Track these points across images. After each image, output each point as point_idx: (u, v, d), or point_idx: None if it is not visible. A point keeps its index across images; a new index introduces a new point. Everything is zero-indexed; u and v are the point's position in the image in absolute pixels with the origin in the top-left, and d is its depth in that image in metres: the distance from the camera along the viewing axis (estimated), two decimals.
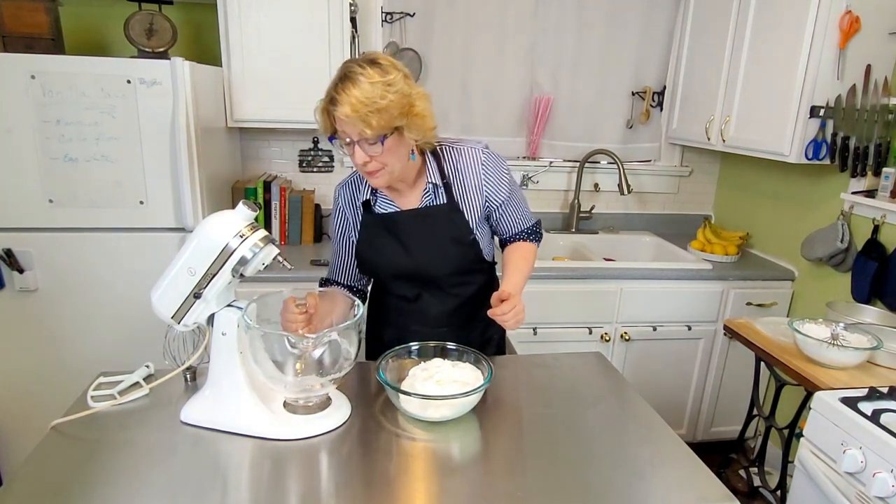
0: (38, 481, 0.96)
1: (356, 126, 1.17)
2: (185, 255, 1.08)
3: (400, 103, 1.19)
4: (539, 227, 1.56)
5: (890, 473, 1.24)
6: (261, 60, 2.24)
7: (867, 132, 1.97)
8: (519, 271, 1.44)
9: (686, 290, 2.41)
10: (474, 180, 1.40)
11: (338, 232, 1.50)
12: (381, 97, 1.16)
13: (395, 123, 1.20)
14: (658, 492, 0.99)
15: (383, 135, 1.20)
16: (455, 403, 1.14)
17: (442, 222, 1.39)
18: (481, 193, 1.41)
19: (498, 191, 1.42)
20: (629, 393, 1.33)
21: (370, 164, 1.24)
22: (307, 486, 0.97)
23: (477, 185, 1.40)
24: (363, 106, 1.15)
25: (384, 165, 1.25)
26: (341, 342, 1.12)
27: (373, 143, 1.20)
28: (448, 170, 1.39)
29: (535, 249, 1.54)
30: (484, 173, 1.40)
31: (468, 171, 1.39)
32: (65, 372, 2.08)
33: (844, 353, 1.59)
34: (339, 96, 1.18)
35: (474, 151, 1.41)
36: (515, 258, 1.47)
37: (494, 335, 1.59)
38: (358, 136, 1.19)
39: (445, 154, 1.40)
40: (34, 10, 2.05)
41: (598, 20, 2.73)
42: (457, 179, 1.39)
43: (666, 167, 2.98)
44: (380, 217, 1.41)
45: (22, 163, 1.90)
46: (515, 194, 1.48)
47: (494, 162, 1.42)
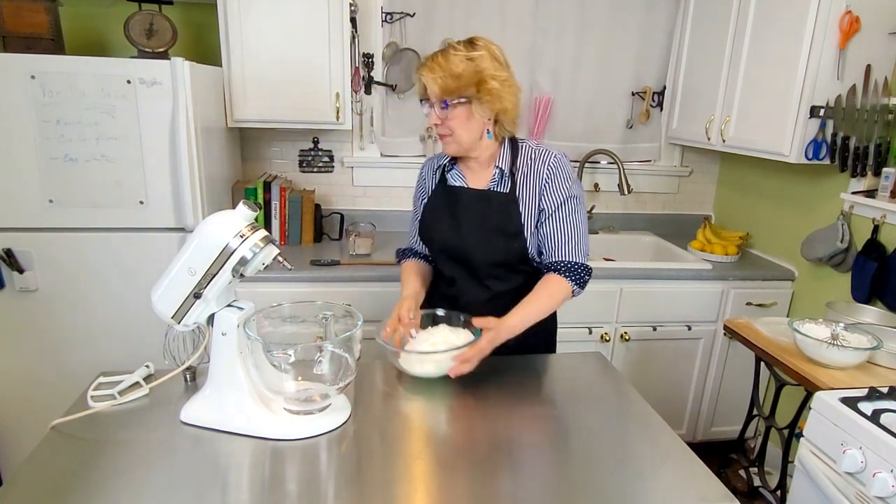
0: (38, 481, 0.96)
1: (431, 87, 1.32)
2: (185, 255, 1.08)
3: (472, 74, 1.31)
4: (585, 273, 1.41)
5: (890, 473, 1.24)
6: (261, 60, 2.24)
7: (867, 132, 1.97)
8: (530, 307, 1.36)
9: (686, 290, 2.41)
10: (537, 179, 1.41)
11: (418, 200, 1.58)
12: (456, 65, 1.30)
13: (464, 92, 1.31)
14: (658, 492, 0.99)
15: (448, 99, 1.32)
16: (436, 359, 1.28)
17: (497, 209, 1.42)
18: (539, 194, 1.41)
19: (551, 197, 1.40)
20: (629, 393, 1.33)
21: (440, 127, 1.37)
22: (307, 486, 0.97)
23: (538, 184, 1.41)
24: (440, 69, 1.30)
25: (452, 132, 1.36)
26: (342, 353, 1.12)
27: (443, 106, 1.33)
28: (520, 162, 1.43)
29: (565, 289, 1.39)
30: (547, 174, 1.41)
31: (535, 169, 1.42)
32: (65, 372, 2.08)
33: (844, 353, 1.59)
34: (427, 61, 1.34)
35: (548, 153, 1.43)
36: (537, 291, 1.39)
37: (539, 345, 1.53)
38: (434, 97, 1.33)
39: (523, 149, 1.45)
40: (34, 10, 2.05)
41: (598, 20, 2.73)
42: (523, 173, 1.42)
43: (666, 167, 2.98)
44: (448, 188, 1.49)
45: (22, 163, 1.90)
46: (569, 214, 1.41)
47: (562, 169, 1.41)
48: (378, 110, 2.70)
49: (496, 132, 1.41)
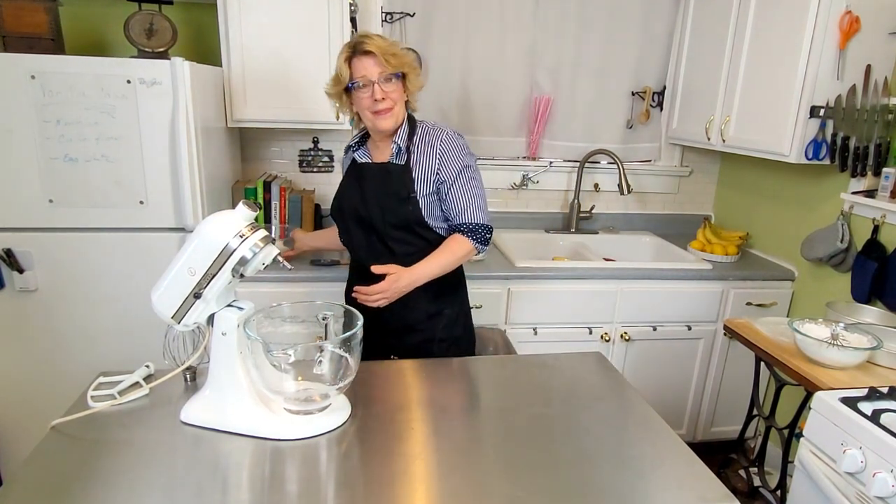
0: (38, 481, 0.96)
1: (378, 64, 1.48)
2: (185, 255, 1.08)
3: (403, 55, 1.53)
4: (485, 231, 1.61)
5: (890, 473, 1.24)
6: (261, 60, 2.24)
7: (867, 132, 1.97)
8: (432, 259, 1.57)
9: (686, 290, 2.42)
10: (433, 153, 1.58)
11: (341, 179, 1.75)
12: (392, 46, 1.51)
13: (405, 69, 1.53)
14: (658, 492, 0.99)
15: (398, 73, 1.51)
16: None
17: (393, 179, 1.59)
18: (434, 167, 1.58)
19: (448, 169, 1.58)
20: (629, 393, 1.33)
21: (385, 101, 1.51)
22: (307, 486, 0.97)
23: (433, 158, 1.58)
24: (387, 46, 1.49)
25: (394, 105, 1.53)
26: (342, 353, 1.12)
27: (389, 79, 1.50)
28: (416, 138, 1.60)
29: (467, 245, 1.59)
30: (441, 149, 1.58)
31: (430, 145, 1.59)
32: (65, 372, 2.08)
33: (844, 353, 1.59)
34: (365, 40, 1.48)
35: (441, 131, 1.61)
36: (441, 248, 1.59)
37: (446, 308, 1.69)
38: (378, 74, 1.49)
39: (421, 127, 1.62)
40: (34, 10, 2.05)
41: (598, 20, 2.73)
42: (419, 148, 1.59)
43: (666, 167, 2.98)
44: (356, 165, 1.66)
45: (22, 163, 1.89)
46: (466, 184, 1.60)
47: (454, 144, 1.60)
48: None
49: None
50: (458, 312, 1.74)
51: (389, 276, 1.53)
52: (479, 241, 1.60)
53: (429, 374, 1.39)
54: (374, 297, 1.53)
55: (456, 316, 1.72)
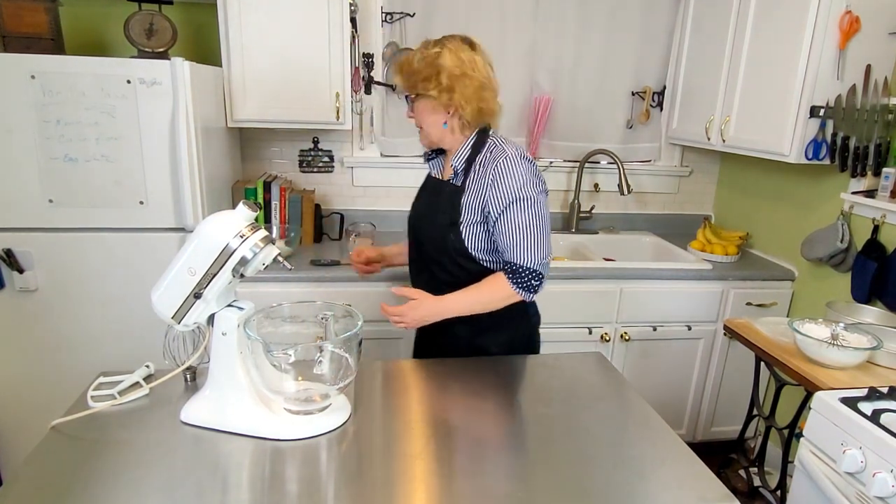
0: (38, 481, 0.96)
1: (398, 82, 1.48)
2: (185, 255, 1.08)
3: (427, 70, 1.39)
4: (530, 276, 1.40)
5: (890, 473, 1.24)
6: (261, 60, 2.24)
7: (867, 132, 1.97)
8: (463, 295, 1.42)
9: (686, 290, 2.41)
10: (485, 180, 1.41)
11: None
12: (414, 63, 1.41)
13: (419, 88, 1.41)
14: (658, 492, 0.99)
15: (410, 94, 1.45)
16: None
17: (442, 202, 1.48)
18: (483, 195, 1.41)
19: (496, 200, 1.39)
20: (629, 393, 1.33)
21: (413, 119, 1.49)
22: (307, 486, 0.97)
23: (485, 185, 1.40)
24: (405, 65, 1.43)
25: (421, 125, 1.48)
26: (342, 353, 1.12)
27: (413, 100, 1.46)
28: (479, 158, 1.45)
29: (505, 288, 1.41)
30: (492, 177, 1.39)
31: (486, 169, 1.41)
32: (65, 372, 2.08)
33: (844, 353, 1.59)
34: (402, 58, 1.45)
35: (502, 153, 1.40)
36: (478, 284, 1.43)
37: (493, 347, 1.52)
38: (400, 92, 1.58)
39: (487, 146, 1.45)
40: (34, 10, 2.05)
41: (598, 20, 2.73)
42: (475, 170, 1.44)
43: (666, 167, 2.98)
44: (426, 176, 1.63)
45: (22, 163, 1.90)
46: (516, 218, 1.38)
47: (510, 171, 1.38)
48: (378, 110, 2.70)
49: (455, 125, 1.45)
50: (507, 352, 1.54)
51: (411, 302, 1.42)
52: (522, 288, 1.40)
53: (429, 374, 1.39)
54: (394, 318, 1.43)
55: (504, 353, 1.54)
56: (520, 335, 1.57)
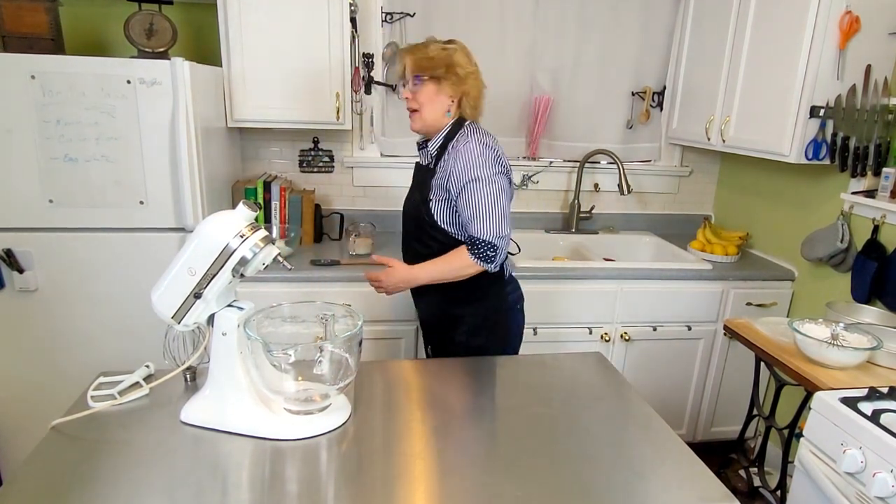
0: (38, 481, 0.96)
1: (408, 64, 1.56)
2: (185, 255, 1.08)
3: (443, 59, 1.55)
4: (486, 247, 1.53)
5: (890, 473, 1.24)
6: (261, 60, 2.24)
7: (867, 132, 1.97)
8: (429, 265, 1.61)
9: (686, 290, 2.41)
10: (450, 160, 1.57)
11: None
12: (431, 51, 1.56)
13: (434, 72, 1.55)
14: (658, 492, 0.99)
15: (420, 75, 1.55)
16: None
17: (421, 178, 1.67)
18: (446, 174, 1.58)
19: (456, 178, 1.55)
20: (629, 393, 1.33)
21: (410, 101, 1.59)
22: (307, 486, 0.97)
23: (449, 164, 1.57)
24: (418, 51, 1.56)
25: (419, 108, 1.58)
26: (342, 353, 1.12)
27: (415, 82, 1.56)
28: (451, 145, 1.60)
29: (464, 259, 1.55)
30: (453, 159, 1.56)
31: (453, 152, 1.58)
32: (65, 372, 2.08)
33: (844, 353, 1.59)
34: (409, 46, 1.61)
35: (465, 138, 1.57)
36: (442, 256, 1.60)
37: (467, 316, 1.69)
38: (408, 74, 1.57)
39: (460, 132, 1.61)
40: (34, 10, 2.05)
41: (598, 20, 2.73)
42: (446, 154, 1.59)
43: (666, 167, 2.98)
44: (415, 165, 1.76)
45: (22, 163, 1.90)
46: (471, 196, 1.53)
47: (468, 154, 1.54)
48: (378, 110, 2.69)
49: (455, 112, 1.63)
50: (482, 323, 1.68)
51: (387, 269, 1.63)
52: (480, 258, 1.54)
53: (429, 374, 1.39)
54: (373, 283, 1.66)
55: (478, 325, 1.68)
56: (493, 309, 1.70)
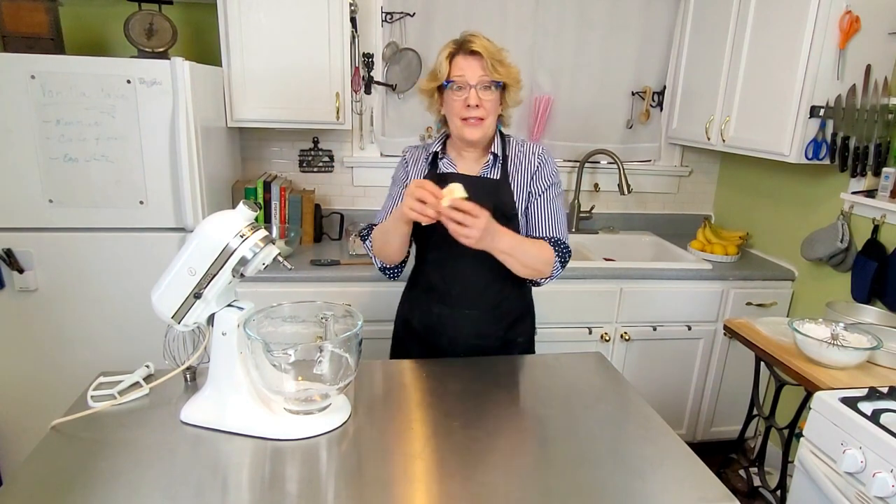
0: (38, 481, 0.96)
1: (482, 67, 1.37)
2: (185, 255, 1.08)
3: (511, 65, 1.42)
4: (566, 250, 1.46)
5: (890, 473, 1.24)
6: (261, 60, 2.24)
7: (867, 132, 1.97)
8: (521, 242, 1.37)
9: (686, 290, 2.41)
10: (529, 167, 1.49)
11: (398, 186, 1.55)
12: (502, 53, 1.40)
13: (506, 80, 1.41)
14: (658, 492, 0.99)
15: (499, 82, 1.39)
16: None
17: (491, 193, 1.46)
18: (528, 179, 1.49)
19: (542, 180, 1.49)
20: (629, 393, 1.33)
21: (478, 109, 1.38)
22: (307, 486, 0.97)
23: (530, 171, 1.49)
24: (495, 51, 1.39)
25: (486, 116, 1.40)
26: (342, 353, 1.12)
27: (488, 86, 1.38)
28: (510, 151, 1.51)
29: (550, 255, 1.42)
30: (538, 162, 1.49)
31: (527, 157, 1.50)
32: (65, 372, 2.08)
33: (844, 353, 1.59)
34: (473, 39, 1.37)
35: (536, 145, 1.53)
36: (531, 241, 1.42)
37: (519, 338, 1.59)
38: (478, 80, 1.37)
39: (511, 140, 1.53)
40: (34, 10, 2.05)
41: (598, 20, 2.73)
42: (513, 161, 1.50)
43: (666, 167, 2.98)
44: (440, 175, 1.49)
45: (22, 163, 1.90)
46: (555, 198, 1.50)
47: (550, 158, 1.52)
48: (378, 110, 2.70)
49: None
50: (528, 344, 1.63)
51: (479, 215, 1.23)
52: (560, 260, 1.44)
53: (429, 374, 1.39)
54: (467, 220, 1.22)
55: (526, 347, 1.63)
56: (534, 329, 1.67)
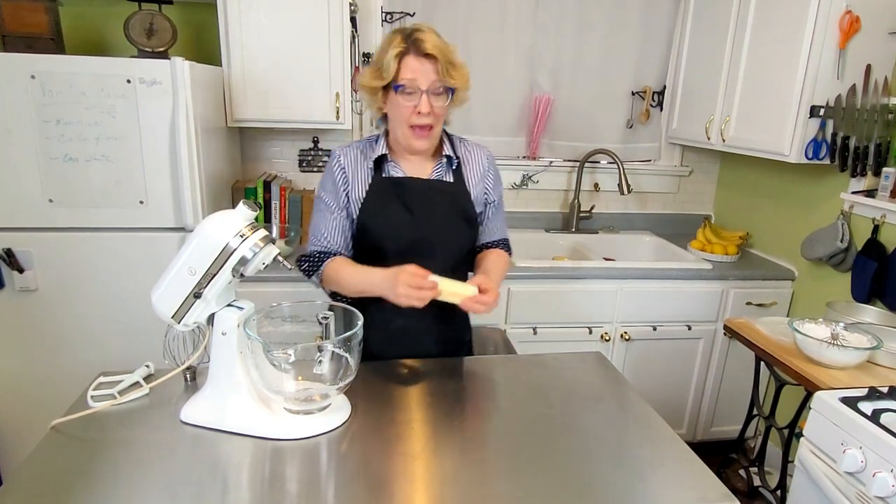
0: (38, 481, 0.96)
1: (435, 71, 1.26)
2: (185, 255, 1.08)
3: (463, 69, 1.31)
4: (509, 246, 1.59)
5: (890, 473, 1.24)
6: (261, 60, 2.24)
7: (867, 132, 1.97)
8: (499, 271, 1.46)
9: (686, 290, 2.41)
10: (479, 170, 1.48)
11: (336, 195, 1.40)
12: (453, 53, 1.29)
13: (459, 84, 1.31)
14: (658, 492, 0.99)
15: (452, 88, 1.29)
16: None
17: (451, 197, 1.41)
18: (481, 185, 1.48)
19: (494, 189, 1.51)
20: (629, 393, 1.33)
21: (429, 116, 1.29)
22: (307, 486, 0.97)
23: (481, 175, 1.48)
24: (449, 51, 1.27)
25: (436, 124, 1.33)
26: (342, 353, 1.12)
27: (440, 92, 1.28)
28: (460, 152, 1.47)
29: (508, 257, 1.55)
30: (488, 167, 1.50)
31: (476, 160, 1.48)
32: (65, 371, 2.08)
33: (844, 352, 1.59)
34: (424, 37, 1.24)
35: (480, 146, 1.52)
36: (495, 260, 1.49)
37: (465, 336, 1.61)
38: (429, 84, 1.27)
39: (456, 140, 1.50)
40: (34, 10, 2.05)
41: (598, 20, 2.73)
42: (466, 163, 1.47)
43: (666, 167, 2.98)
44: (390, 181, 1.38)
45: (22, 163, 1.89)
46: (502, 204, 1.56)
47: (495, 164, 1.53)
48: None
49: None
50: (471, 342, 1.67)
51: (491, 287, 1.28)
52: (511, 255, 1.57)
53: (429, 374, 1.39)
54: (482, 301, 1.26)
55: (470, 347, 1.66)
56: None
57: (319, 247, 1.42)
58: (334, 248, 1.42)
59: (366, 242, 1.41)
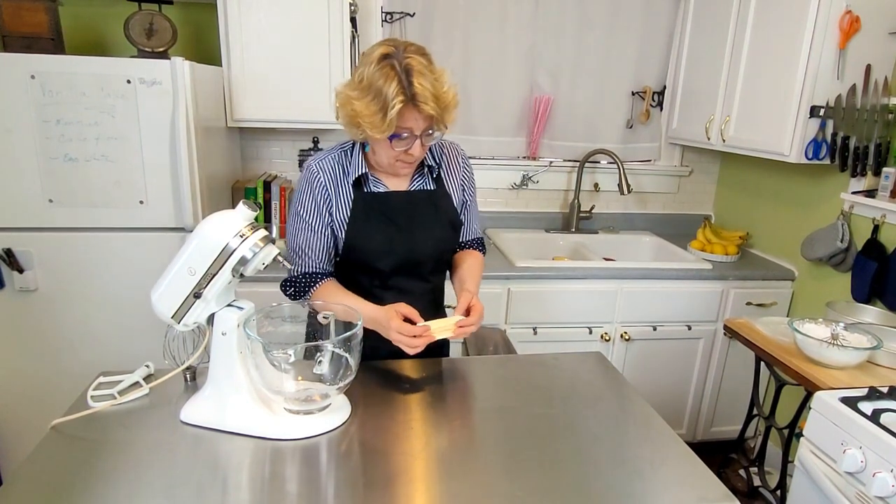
0: (38, 481, 0.96)
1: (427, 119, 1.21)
2: (185, 255, 1.08)
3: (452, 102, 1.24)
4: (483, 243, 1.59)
5: (890, 473, 1.24)
6: (261, 60, 2.24)
7: (867, 132, 1.97)
8: (476, 277, 1.45)
9: (686, 290, 2.41)
10: (458, 172, 1.47)
11: (318, 213, 1.35)
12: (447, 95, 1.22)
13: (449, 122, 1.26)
14: (658, 492, 0.99)
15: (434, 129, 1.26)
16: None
17: (435, 206, 1.41)
18: (460, 186, 1.47)
19: (470, 187, 1.50)
20: (629, 393, 1.33)
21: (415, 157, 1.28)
22: (307, 486, 0.97)
23: (459, 176, 1.47)
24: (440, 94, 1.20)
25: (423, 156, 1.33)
26: (342, 353, 1.12)
27: (430, 133, 1.25)
28: (436, 156, 1.43)
29: (482, 257, 1.55)
30: (464, 167, 1.48)
31: (453, 161, 1.46)
32: (65, 371, 2.08)
33: (844, 352, 1.59)
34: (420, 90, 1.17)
35: (454, 146, 1.48)
36: (472, 264, 1.48)
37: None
38: (422, 130, 1.23)
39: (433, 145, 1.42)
40: (34, 10, 2.04)
41: (598, 20, 2.73)
42: (444, 167, 1.45)
43: (666, 167, 2.98)
44: (374, 197, 1.36)
45: (22, 163, 1.89)
46: (475, 202, 1.54)
47: (468, 160, 1.50)
48: None
49: None
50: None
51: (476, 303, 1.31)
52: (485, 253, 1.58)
53: (428, 374, 1.39)
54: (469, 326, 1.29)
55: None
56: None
57: (304, 269, 1.40)
58: (319, 269, 1.40)
59: (352, 258, 1.39)
